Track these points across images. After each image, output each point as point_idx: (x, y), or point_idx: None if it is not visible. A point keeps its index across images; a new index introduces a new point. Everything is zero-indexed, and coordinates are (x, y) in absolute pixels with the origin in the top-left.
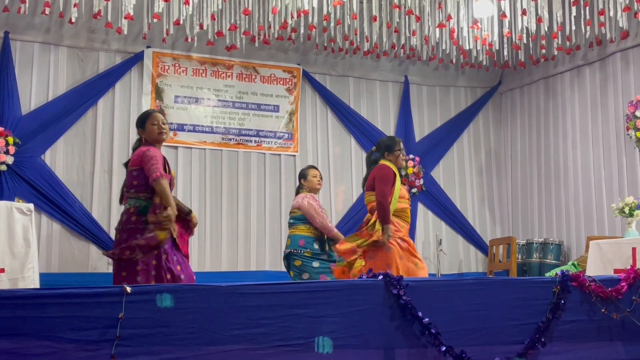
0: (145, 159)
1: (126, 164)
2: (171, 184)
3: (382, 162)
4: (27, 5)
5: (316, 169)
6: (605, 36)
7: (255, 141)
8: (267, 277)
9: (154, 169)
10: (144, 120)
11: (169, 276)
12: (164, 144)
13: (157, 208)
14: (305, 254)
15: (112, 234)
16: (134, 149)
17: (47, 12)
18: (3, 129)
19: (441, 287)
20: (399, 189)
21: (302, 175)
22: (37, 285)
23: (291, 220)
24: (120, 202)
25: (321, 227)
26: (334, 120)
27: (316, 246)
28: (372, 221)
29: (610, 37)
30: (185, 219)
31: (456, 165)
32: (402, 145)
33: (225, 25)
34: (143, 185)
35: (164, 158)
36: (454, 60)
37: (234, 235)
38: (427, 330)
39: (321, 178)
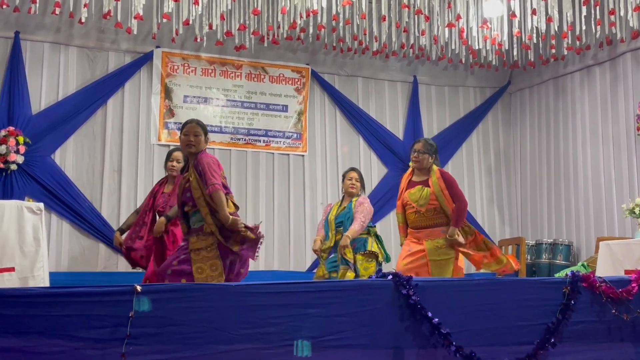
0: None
1: None
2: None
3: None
4: (37, 5)
5: (353, 170)
6: (615, 36)
7: (263, 141)
8: (276, 277)
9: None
10: (180, 129)
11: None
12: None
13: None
14: None
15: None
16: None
17: (57, 12)
18: (13, 128)
19: (451, 287)
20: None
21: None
22: (47, 284)
23: None
24: None
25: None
26: (343, 120)
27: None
28: None
29: (620, 36)
30: None
31: (465, 165)
32: (414, 148)
33: (235, 25)
34: None
35: None
36: (463, 60)
37: None
38: (437, 330)
39: (358, 181)
